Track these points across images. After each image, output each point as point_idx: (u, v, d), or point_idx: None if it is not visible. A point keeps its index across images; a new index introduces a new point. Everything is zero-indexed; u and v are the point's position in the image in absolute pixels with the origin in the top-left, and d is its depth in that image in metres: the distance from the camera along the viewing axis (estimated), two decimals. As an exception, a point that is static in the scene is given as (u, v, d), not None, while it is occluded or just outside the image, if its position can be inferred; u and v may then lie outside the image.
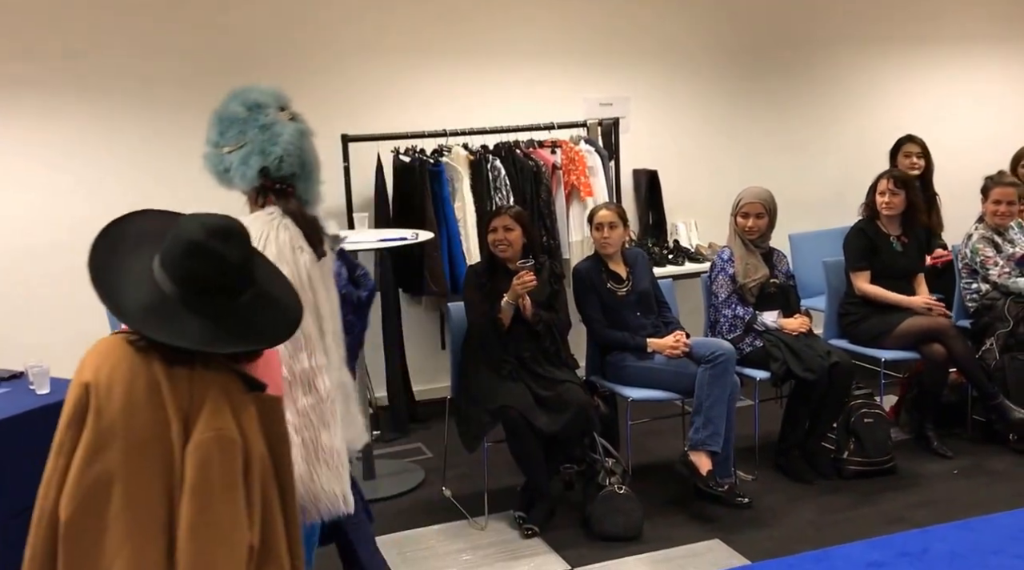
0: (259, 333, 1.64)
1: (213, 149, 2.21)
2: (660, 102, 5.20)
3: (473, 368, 3.59)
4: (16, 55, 4.13)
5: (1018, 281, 4.28)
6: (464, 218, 4.43)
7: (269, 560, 1.64)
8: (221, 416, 1.59)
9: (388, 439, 4.46)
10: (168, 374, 1.58)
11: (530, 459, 3.47)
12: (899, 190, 4.20)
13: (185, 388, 1.59)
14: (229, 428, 1.58)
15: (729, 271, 3.95)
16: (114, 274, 1.62)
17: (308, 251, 2.16)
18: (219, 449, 1.57)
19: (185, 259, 1.57)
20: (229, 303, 1.60)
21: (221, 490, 1.56)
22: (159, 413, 1.58)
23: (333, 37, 4.61)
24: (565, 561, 3.26)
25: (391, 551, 3.38)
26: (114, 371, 1.57)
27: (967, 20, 5.78)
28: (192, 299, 1.58)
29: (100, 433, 1.55)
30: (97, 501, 1.55)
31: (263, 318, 1.65)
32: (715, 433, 3.53)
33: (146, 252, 1.63)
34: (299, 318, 1.71)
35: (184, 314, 1.57)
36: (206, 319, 1.57)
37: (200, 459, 1.55)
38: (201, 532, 1.55)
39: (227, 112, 2.19)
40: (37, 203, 4.21)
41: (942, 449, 4.07)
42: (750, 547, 3.30)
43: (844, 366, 3.81)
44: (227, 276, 1.59)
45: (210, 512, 1.55)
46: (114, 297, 1.59)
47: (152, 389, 1.58)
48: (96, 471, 1.55)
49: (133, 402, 1.56)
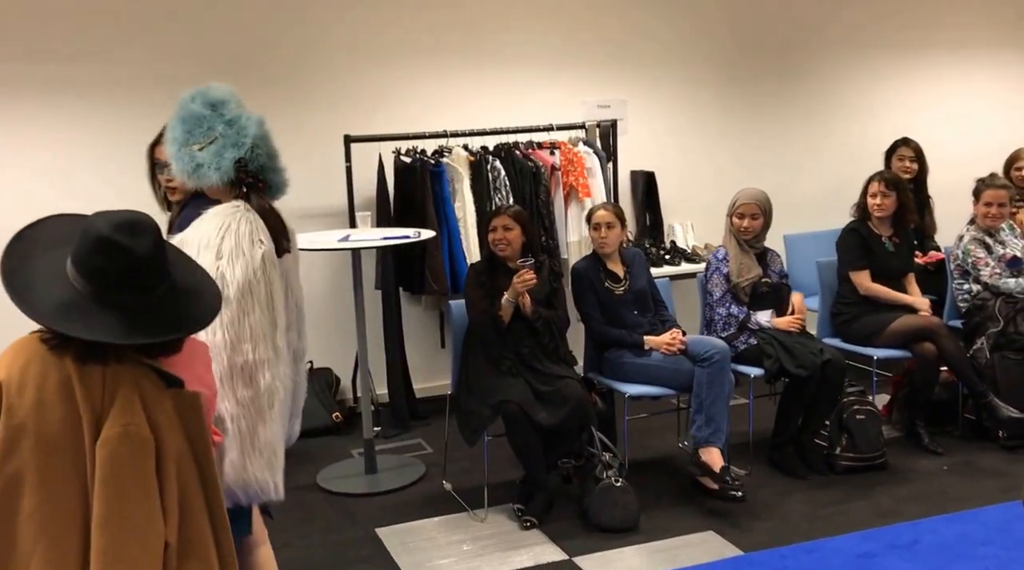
0: (173, 324, 1.64)
1: (181, 149, 2.25)
2: (657, 105, 5.28)
3: (474, 364, 3.67)
4: (17, 56, 4.20)
5: (1008, 282, 4.36)
6: (464, 218, 4.50)
7: (192, 555, 1.63)
8: (130, 412, 1.58)
9: (389, 435, 4.52)
10: (80, 371, 1.58)
11: (529, 452, 3.54)
12: (890, 192, 4.28)
13: (97, 385, 1.59)
14: (137, 423, 1.58)
15: (724, 270, 4.03)
16: (27, 275, 1.62)
17: (268, 245, 2.22)
18: (127, 444, 1.57)
19: (93, 254, 1.57)
20: (142, 297, 1.61)
21: (131, 485, 1.56)
22: (70, 411, 1.57)
23: (336, 41, 4.68)
24: (563, 551, 3.33)
25: (393, 541, 3.45)
26: (26, 369, 1.57)
27: (960, 26, 5.87)
28: (104, 294, 1.58)
29: (11, 431, 1.55)
30: (10, 500, 1.55)
31: (177, 310, 1.65)
32: (718, 430, 3.61)
33: (59, 253, 1.63)
34: (215, 309, 1.72)
35: (96, 310, 1.57)
36: (119, 313, 1.58)
37: (108, 454, 1.55)
38: (113, 526, 1.54)
39: (190, 112, 2.25)
40: (49, 199, 4.27)
41: (933, 446, 4.14)
42: (744, 538, 3.37)
43: (836, 363, 3.89)
44: (135, 269, 1.59)
45: (120, 507, 1.55)
46: (26, 297, 1.59)
47: (64, 386, 1.58)
48: (8, 470, 1.55)
49: (44, 400, 1.56)
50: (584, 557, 3.28)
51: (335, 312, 4.72)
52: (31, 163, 4.29)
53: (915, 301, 4.28)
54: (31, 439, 1.56)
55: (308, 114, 4.62)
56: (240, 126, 2.24)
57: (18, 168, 4.27)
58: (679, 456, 4.16)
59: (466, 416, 3.63)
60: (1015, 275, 4.39)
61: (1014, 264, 4.42)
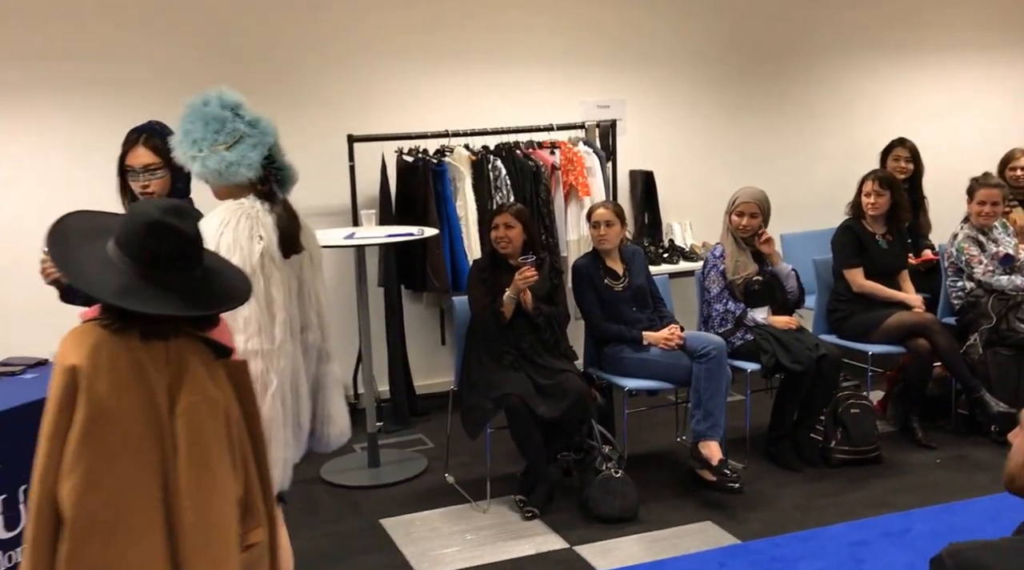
0: (222, 297, 1.77)
1: (207, 151, 2.30)
2: (656, 105, 5.36)
3: (476, 358, 3.74)
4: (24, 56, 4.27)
5: (1000, 279, 4.44)
6: (466, 216, 4.57)
7: (250, 513, 1.78)
8: (201, 380, 1.72)
9: (390, 431, 4.59)
10: (147, 349, 1.70)
11: (531, 444, 3.61)
12: (884, 190, 4.36)
13: (163, 360, 1.70)
14: (210, 390, 1.72)
15: (721, 267, 4.11)
16: (78, 264, 1.72)
17: (269, 242, 2.28)
18: (207, 411, 1.70)
19: (146, 238, 1.68)
20: (187, 276, 1.72)
21: (214, 449, 1.69)
22: (144, 388, 1.68)
23: (340, 41, 4.76)
24: (564, 540, 3.41)
25: (397, 532, 3.52)
26: (96, 354, 1.66)
27: (954, 28, 5.96)
28: (154, 275, 1.69)
29: (93, 412, 1.63)
30: (98, 479, 1.63)
31: (219, 286, 1.78)
32: (715, 424, 3.69)
33: (96, 243, 1.74)
34: (248, 284, 1.86)
35: (150, 289, 1.68)
36: (170, 291, 1.69)
37: (191, 422, 1.67)
38: (204, 488, 1.67)
39: (210, 115, 2.31)
40: (61, 196, 4.34)
41: (926, 440, 4.22)
42: (740, 528, 3.44)
43: (832, 358, 3.96)
44: (184, 249, 1.71)
45: (208, 471, 1.68)
46: (89, 285, 1.69)
47: (135, 365, 1.68)
48: (94, 450, 1.63)
49: (119, 381, 1.66)
50: (585, 546, 3.36)
51: (337, 309, 4.77)
52: (32, 164, 4.34)
53: (908, 298, 4.36)
54: (113, 419, 1.65)
55: (312, 114, 4.69)
56: (262, 126, 2.33)
57: (19, 169, 4.33)
58: (677, 450, 4.23)
59: (469, 409, 3.70)
60: (1007, 272, 4.47)
61: (1006, 261, 4.50)
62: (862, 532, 3.37)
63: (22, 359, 3.25)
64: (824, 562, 3.18)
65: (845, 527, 3.42)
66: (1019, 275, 4.47)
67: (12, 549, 2.80)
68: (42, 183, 4.33)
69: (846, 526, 3.43)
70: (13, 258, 4.25)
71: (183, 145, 2.34)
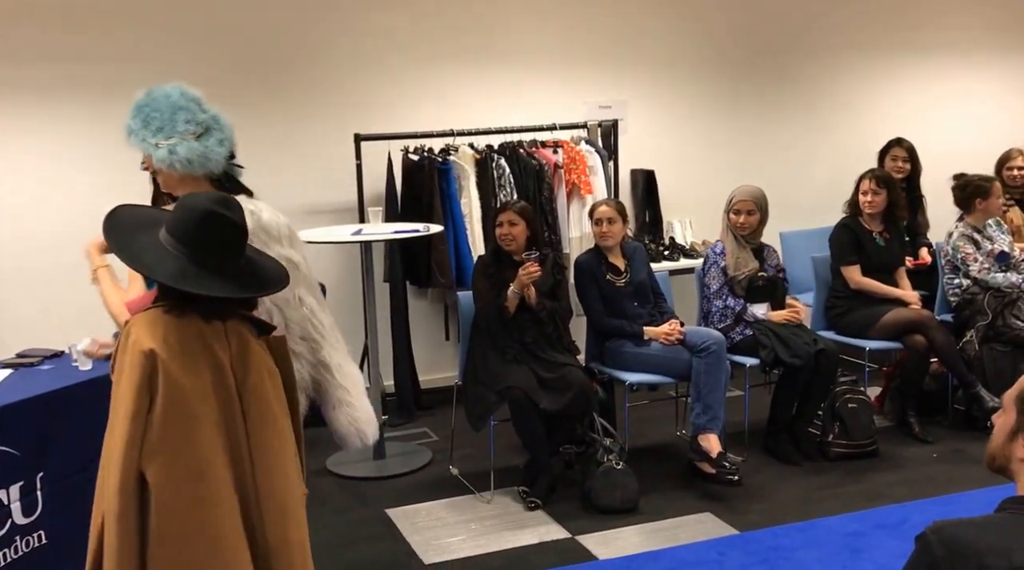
0: (267, 281, 1.94)
1: (176, 139, 2.30)
2: (657, 106, 5.43)
3: (480, 352, 3.81)
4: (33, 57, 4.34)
5: (996, 276, 4.51)
6: (470, 214, 4.64)
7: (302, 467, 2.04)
8: (261, 355, 1.90)
9: (395, 424, 4.66)
10: (210, 330, 1.86)
11: (533, 436, 3.68)
12: (881, 189, 4.43)
13: (223, 338, 1.87)
14: (271, 363, 1.90)
15: (721, 264, 4.18)
16: (136, 252, 1.86)
17: None
18: (272, 383, 1.89)
19: (200, 226, 1.81)
20: (235, 262, 1.87)
21: (281, 414, 1.89)
22: (214, 365, 1.85)
23: (347, 44, 4.83)
24: (566, 530, 3.48)
25: (403, 522, 3.60)
26: (167, 337, 1.81)
27: (953, 29, 6.01)
28: (206, 261, 1.82)
29: (171, 394, 1.78)
30: (182, 454, 1.79)
31: (262, 271, 1.94)
32: (715, 417, 3.76)
33: (148, 233, 1.88)
34: (285, 271, 2.01)
35: (206, 274, 1.82)
36: (222, 276, 1.84)
37: (261, 394, 1.86)
38: (276, 450, 1.87)
39: (176, 104, 2.33)
40: (74, 193, 4.41)
41: (923, 435, 4.28)
42: (739, 520, 3.51)
43: (829, 353, 4.03)
44: (235, 237, 1.85)
45: (278, 434, 1.87)
46: (150, 269, 1.84)
47: (203, 346, 1.84)
48: (176, 428, 1.78)
49: (191, 361, 1.81)
50: (586, 536, 3.43)
51: (342, 305, 4.86)
52: (35, 165, 4.41)
53: (905, 294, 4.43)
54: (188, 397, 1.80)
55: (320, 114, 4.77)
56: (222, 122, 2.36)
57: (21, 171, 4.38)
58: (677, 444, 4.30)
59: (473, 402, 3.78)
60: (1003, 269, 4.54)
61: (1002, 258, 4.56)
62: (859, 523, 3.44)
63: (39, 351, 3.33)
64: (821, 552, 3.24)
65: (842, 518, 3.48)
66: (1014, 272, 4.54)
67: (30, 534, 2.87)
68: (56, 187, 4.41)
69: (843, 517, 3.49)
70: (26, 257, 4.34)
71: (143, 132, 2.31)
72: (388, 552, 3.37)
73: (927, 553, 1.44)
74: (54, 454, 2.91)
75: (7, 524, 2.78)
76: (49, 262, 4.31)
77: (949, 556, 1.41)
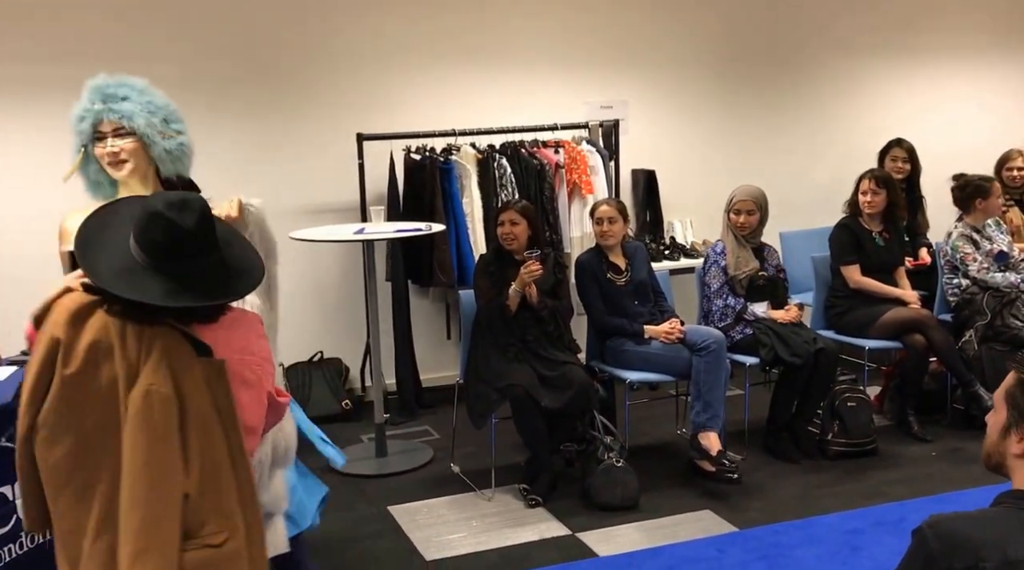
0: (210, 294, 1.81)
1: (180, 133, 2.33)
2: (658, 106, 5.45)
3: (482, 350, 3.83)
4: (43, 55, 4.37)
5: (995, 276, 4.53)
6: (472, 213, 4.66)
7: (216, 511, 1.77)
8: (156, 372, 1.76)
9: (396, 422, 4.68)
10: (122, 330, 1.77)
11: (534, 434, 3.71)
12: (880, 189, 4.45)
13: (135, 345, 1.76)
14: (160, 383, 1.75)
15: (721, 263, 4.20)
16: (96, 245, 1.84)
17: None
18: (150, 401, 1.74)
19: (148, 227, 1.77)
20: (188, 266, 1.79)
21: (153, 437, 1.73)
22: (110, 370, 1.76)
23: (350, 44, 4.85)
24: (567, 527, 3.50)
25: (404, 518, 3.62)
26: (80, 328, 1.77)
27: (952, 31, 6.03)
28: (156, 264, 1.78)
29: (65, 383, 1.75)
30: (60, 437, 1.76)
31: (217, 282, 1.81)
32: (715, 415, 3.78)
33: (127, 229, 1.83)
34: (255, 282, 1.89)
35: (149, 276, 1.77)
36: (166, 280, 1.76)
37: (136, 409, 1.74)
38: (137, 473, 1.72)
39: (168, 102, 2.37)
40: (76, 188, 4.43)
41: (922, 433, 4.30)
42: (738, 517, 3.53)
43: (829, 352, 4.05)
44: (180, 241, 1.77)
45: (143, 455, 1.73)
46: (91, 262, 1.81)
47: (109, 347, 1.77)
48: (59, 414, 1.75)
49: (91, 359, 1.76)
50: (586, 533, 3.45)
51: (345, 303, 4.90)
52: (36, 162, 4.41)
53: (904, 294, 4.45)
54: (82, 392, 1.75)
55: (322, 113, 4.80)
56: None
57: (21, 167, 4.39)
58: (677, 442, 4.32)
59: (474, 400, 3.80)
60: (1002, 269, 4.56)
61: (1001, 258, 4.59)
62: (857, 521, 3.46)
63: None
64: (820, 549, 3.27)
65: (841, 516, 3.51)
66: (1013, 272, 4.56)
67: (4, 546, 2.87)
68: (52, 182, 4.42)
69: (842, 515, 3.51)
70: (21, 252, 4.36)
71: (154, 117, 2.31)
72: (390, 549, 3.40)
73: (924, 547, 1.46)
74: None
75: (11, 521, 2.79)
76: (52, 259, 4.33)
77: (945, 550, 1.43)
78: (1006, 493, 1.55)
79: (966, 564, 1.40)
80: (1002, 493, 1.55)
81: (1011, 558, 1.40)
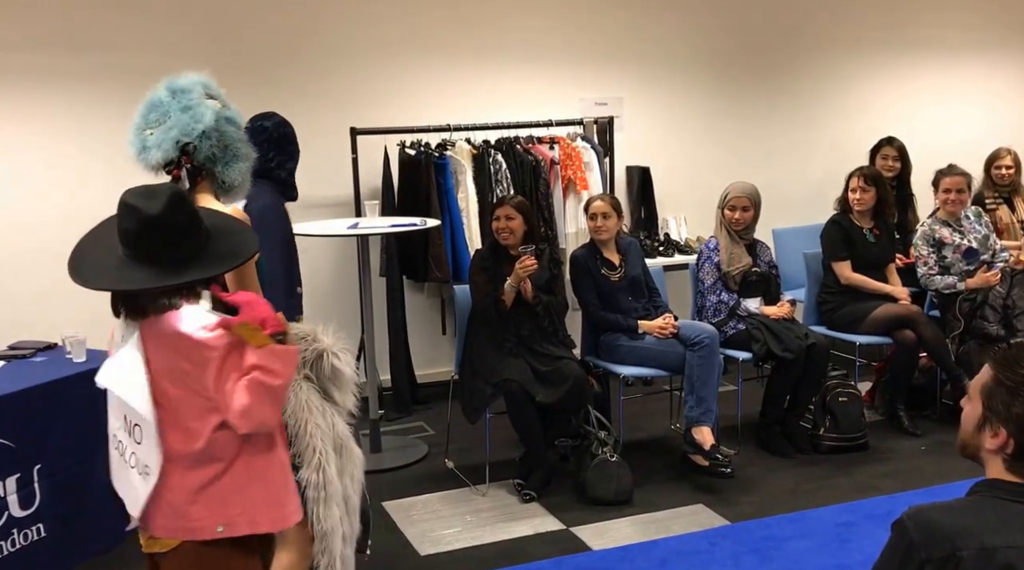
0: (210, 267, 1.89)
1: (136, 133, 2.28)
2: (652, 103, 5.47)
3: (477, 345, 3.85)
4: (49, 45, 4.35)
5: (935, 280, 4.53)
6: (467, 208, 4.67)
7: None
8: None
9: (391, 418, 4.70)
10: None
11: (529, 429, 3.73)
12: (870, 186, 4.48)
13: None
14: None
15: (715, 259, 4.23)
16: (90, 245, 1.93)
17: None
18: None
19: (120, 218, 1.86)
20: (166, 253, 1.85)
21: None
22: None
23: (344, 37, 4.85)
24: (561, 522, 3.52)
25: (399, 514, 3.64)
26: None
27: (945, 29, 6.07)
28: (134, 253, 1.85)
29: None
30: None
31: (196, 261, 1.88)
32: (708, 410, 3.81)
33: None
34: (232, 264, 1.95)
35: (130, 267, 1.85)
36: (151, 268, 1.84)
37: None
38: None
39: (153, 98, 2.30)
40: (73, 188, 4.42)
41: (912, 428, 4.34)
42: (731, 511, 3.56)
43: (821, 347, 4.08)
44: (145, 226, 1.82)
45: None
46: (76, 261, 1.90)
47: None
48: None
49: None
50: (580, 527, 3.47)
51: (339, 299, 4.89)
52: (39, 153, 4.41)
53: (894, 290, 4.48)
54: None
55: (316, 107, 4.79)
56: (196, 114, 2.24)
57: (24, 160, 4.39)
58: (671, 437, 4.35)
59: (469, 394, 3.82)
60: (969, 265, 4.54)
61: (969, 255, 4.58)
62: (848, 514, 3.50)
63: (32, 343, 3.35)
64: (811, 542, 3.30)
65: (832, 509, 3.54)
66: (951, 274, 4.52)
67: (28, 527, 2.88)
68: (54, 178, 4.42)
69: (833, 508, 3.55)
70: (23, 246, 4.35)
71: (129, 136, 2.29)
72: (385, 544, 3.40)
73: (904, 537, 1.49)
74: (52, 446, 2.92)
75: (3, 517, 2.79)
76: (44, 253, 4.33)
77: (925, 539, 1.46)
78: (981, 482, 1.58)
79: (944, 553, 1.43)
80: (977, 482, 1.58)
81: (987, 546, 1.43)
